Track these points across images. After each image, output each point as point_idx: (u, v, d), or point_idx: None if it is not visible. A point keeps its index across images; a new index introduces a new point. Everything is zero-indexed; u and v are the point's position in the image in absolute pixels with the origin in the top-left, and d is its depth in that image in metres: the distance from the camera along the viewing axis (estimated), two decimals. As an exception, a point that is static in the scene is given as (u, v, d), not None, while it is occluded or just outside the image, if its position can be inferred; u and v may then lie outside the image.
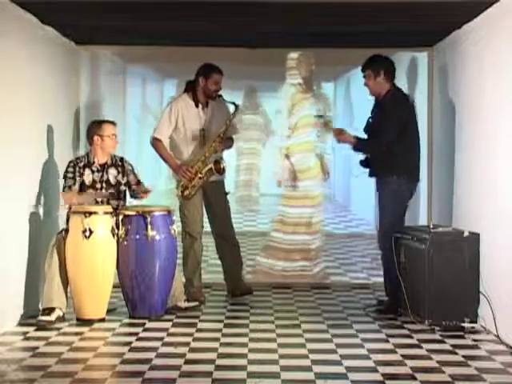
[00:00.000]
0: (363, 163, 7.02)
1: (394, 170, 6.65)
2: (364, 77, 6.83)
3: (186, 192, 7.01)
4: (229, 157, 7.57)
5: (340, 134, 6.86)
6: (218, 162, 6.95)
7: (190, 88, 7.08)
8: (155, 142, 7.08)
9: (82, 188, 6.67)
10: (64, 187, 6.66)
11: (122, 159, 6.89)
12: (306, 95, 8.38)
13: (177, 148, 7.11)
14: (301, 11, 6.37)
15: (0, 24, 5.90)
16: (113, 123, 6.82)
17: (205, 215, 7.21)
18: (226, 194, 7.25)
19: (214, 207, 7.18)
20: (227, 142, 7.17)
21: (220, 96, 7.05)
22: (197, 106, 7.06)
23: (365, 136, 6.90)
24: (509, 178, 5.75)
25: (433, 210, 7.89)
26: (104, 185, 6.72)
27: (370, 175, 6.99)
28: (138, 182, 6.84)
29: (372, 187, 9.03)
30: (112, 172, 6.77)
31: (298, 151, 8.40)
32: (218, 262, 7.52)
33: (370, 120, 6.89)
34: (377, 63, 6.76)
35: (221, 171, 6.96)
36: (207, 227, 7.28)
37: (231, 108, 7.09)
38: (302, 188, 8.44)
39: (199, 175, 6.96)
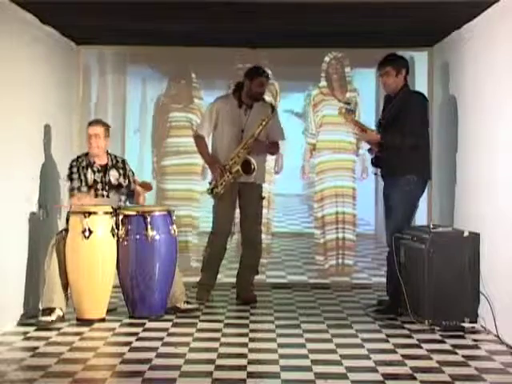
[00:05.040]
0: (374, 163, 6.99)
1: (408, 169, 6.62)
2: (381, 75, 6.79)
3: (215, 190, 7.05)
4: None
5: (365, 133, 6.84)
6: (247, 162, 6.94)
7: (237, 89, 7.14)
8: (195, 138, 7.24)
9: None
10: (72, 189, 6.65)
11: (123, 161, 6.90)
12: (330, 95, 8.39)
13: (217, 146, 7.16)
14: (301, 11, 6.37)
15: (0, 24, 5.91)
16: (95, 123, 6.80)
17: None
18: (262, 198, 7.24)
19: (245, 209, 7.19)
20: (266, 146, 7.13)
21: (263, 99, 7.12)
22: (240, 106, 7.09)
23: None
24: (509, 178, 5.75)
25: (433, 209, 7.89)
26: (106, 186, 6.71)
27: (383, 175, 6.96)
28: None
29: (371, 187, 9.03)
30: (113, 173, 6.77)
31: (324, 148, 8.39)
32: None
33: (381, 120, 6.87)
34: (399, 62, 6.76)
35: (249, 172, 6.93)
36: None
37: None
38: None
39: (228, 174, 6.99)
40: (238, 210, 7.27)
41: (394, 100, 6.79)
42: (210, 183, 7.13)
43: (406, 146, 6.57)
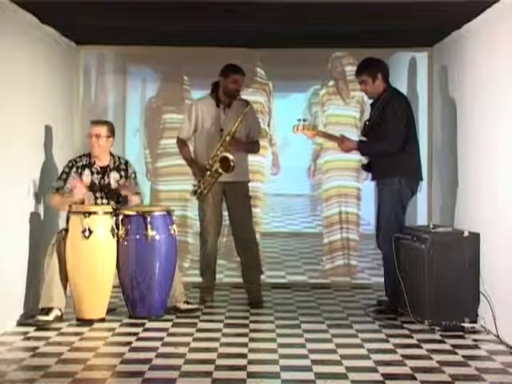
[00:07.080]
0: (366, 167, 7.01)
1: (395, 171, 6.63)
2: (360, 83, 6.82)
3: (198, 191, 6.98)
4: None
5: (343, 143, 6.84)
6: (225, 159, 6.84)
7: (214, 88, 7.09)
8: (177, 142, 7.20)
9: None
10: (52, 188, 6.65)
11: (126, 162, 6.85)
12: (337, 95, 8.38)
13: (198, 148, 7.12)
14: (300, 11, 6.38)
15: (0, 24, 5.91)
16: (97, 123, 6.77)
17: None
18: (249, 197, 7.17)
19: (232, 209, 7.11)
20: (245, 144, 7.04)
21: (239, 96, 7.04)
22: (218, 106, 7.04)
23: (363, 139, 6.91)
24: (509, 178, 5.75)
25: (433, 209, 7.90)
26: (105, 189, 6.69)
27: (373, 178, 6.98)
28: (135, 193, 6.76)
29: (371, 188, 9.02)
30: (114, 176, 6.73)
31: (329, 147, 8.36)
32: (220, 262, 7.50)
33: (367, 123, 6.87)
34: (372, 67, 6.74)
35: (229, 169, 6.83)
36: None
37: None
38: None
39: (208, 174, 6.93)
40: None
41: (376, 103, 6.78)
42: (194, 185, 7.05)
43: (392, 151, 6.57)
